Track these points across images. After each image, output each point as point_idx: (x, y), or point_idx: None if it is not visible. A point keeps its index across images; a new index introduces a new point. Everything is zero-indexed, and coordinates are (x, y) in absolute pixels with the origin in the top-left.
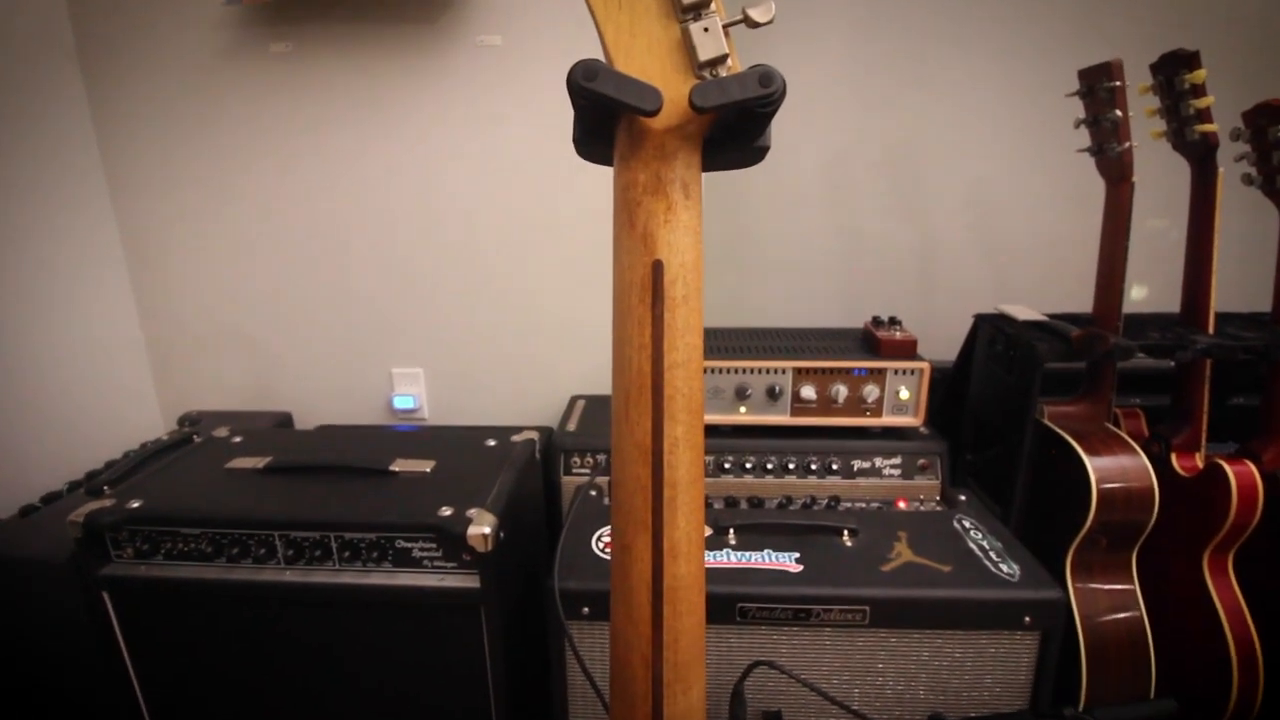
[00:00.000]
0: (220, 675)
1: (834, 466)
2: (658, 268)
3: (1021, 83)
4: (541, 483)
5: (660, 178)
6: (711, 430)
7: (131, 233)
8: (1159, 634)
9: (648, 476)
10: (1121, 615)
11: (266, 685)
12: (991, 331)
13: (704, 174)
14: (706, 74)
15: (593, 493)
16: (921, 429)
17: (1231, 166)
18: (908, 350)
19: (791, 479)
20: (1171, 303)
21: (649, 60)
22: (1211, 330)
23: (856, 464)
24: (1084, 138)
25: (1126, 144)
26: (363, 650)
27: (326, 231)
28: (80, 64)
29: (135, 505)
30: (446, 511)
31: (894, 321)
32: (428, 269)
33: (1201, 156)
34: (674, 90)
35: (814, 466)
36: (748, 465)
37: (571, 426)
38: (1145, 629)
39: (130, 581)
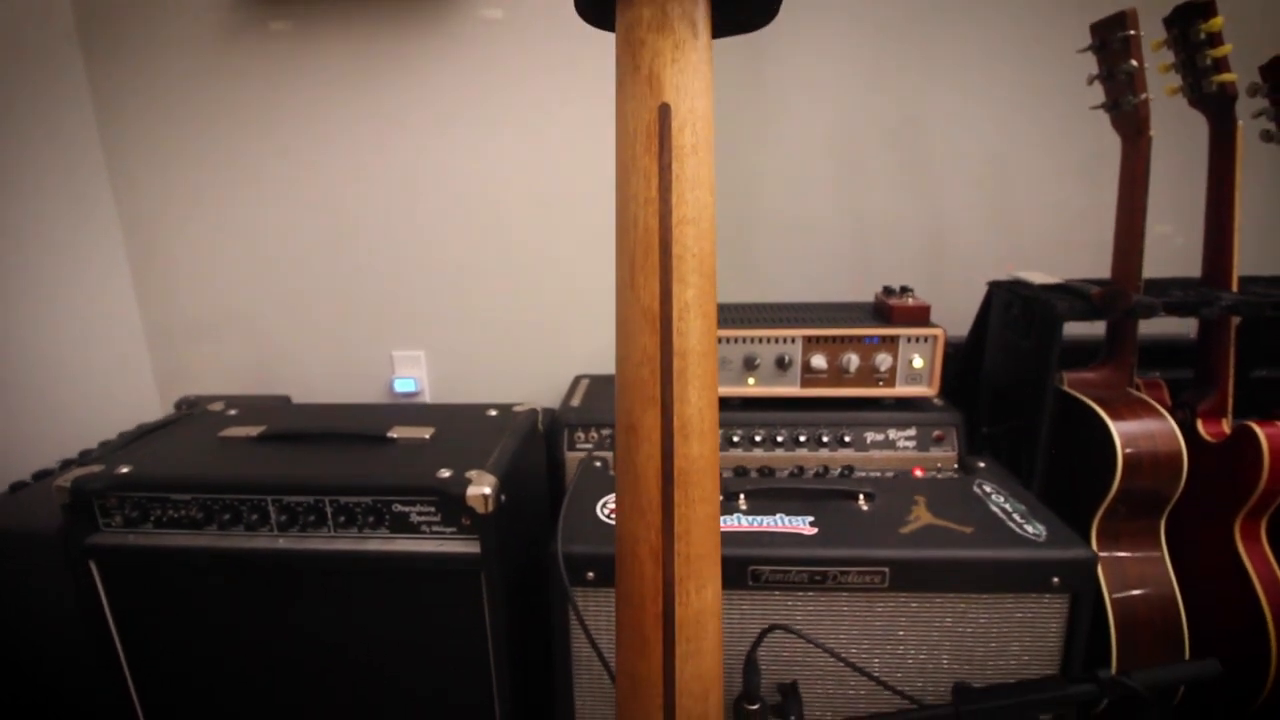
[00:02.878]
0: (210, 647)
1: (846, 439)
2: (664, 112)
3: (1032, 53)
4: (544, 455)
5: (666, 12)
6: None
7: (130, 214)
8: (1191, 607)
9: (655, 346)
10: (1151, 586)
11: (258, 657)
12: (1007, 297)
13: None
14: None
15: (597, 464)
16: (936, 400)
17: (1249, 124)
18: (921, 317)
19: (803, 451)
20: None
21: None
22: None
23: (869, 436)
24: (1098, 94)
25: (1143, 95)
26: (359, 619)
27: (326, 211)
28: (80, 42)
29: (124, 471)
30: (445, 473)
31: (905, 290)
32: (428, 249)
33: (1220, 109)
34: None
35: (825, 439)
36: (757, 438)
37: (575, 403)
38: (1177, 600)
39: (118, 550)
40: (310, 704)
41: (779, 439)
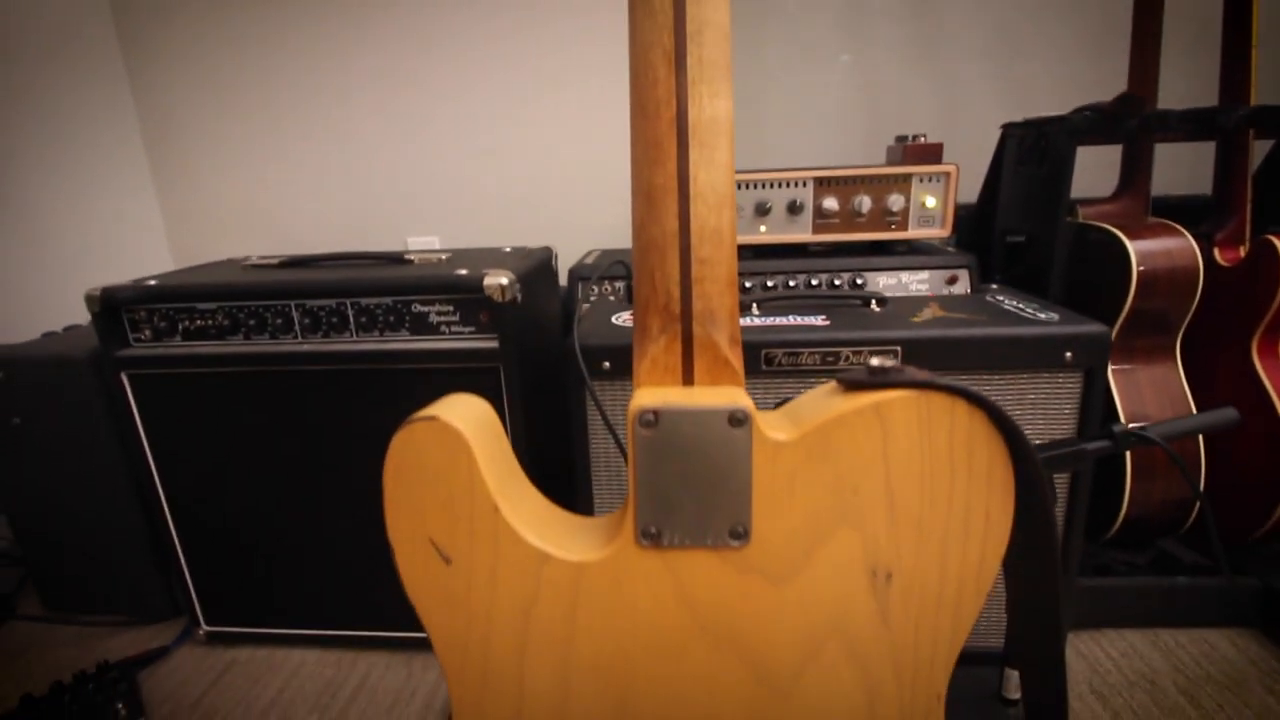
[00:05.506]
0: (238, 454)
1: (859, 283)
2: None
3: None
4: (558, 294)
5: None
6: None
7: (148, 110)
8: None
9: None
10: (1167, 404)
11: (283, 461)
12: (1020, 133)
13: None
14: None
15: (611, 298)
16: (949, 248)
17: None
18: (933, 155)
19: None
20: None
21: None
22: None
23: (882, 280)
24: None
25: None
26: (380, 420)
27: (337, 99)
28: None
29: (152, 283)
30: (463, 271)
31: (917, 137)
32: (441, 134)
33: None
34: None
35: (838, 284)
36: (770, 284)
37: (588, 262)
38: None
39: (148, 360)
40: (334, 505)
41: (791, 284)
